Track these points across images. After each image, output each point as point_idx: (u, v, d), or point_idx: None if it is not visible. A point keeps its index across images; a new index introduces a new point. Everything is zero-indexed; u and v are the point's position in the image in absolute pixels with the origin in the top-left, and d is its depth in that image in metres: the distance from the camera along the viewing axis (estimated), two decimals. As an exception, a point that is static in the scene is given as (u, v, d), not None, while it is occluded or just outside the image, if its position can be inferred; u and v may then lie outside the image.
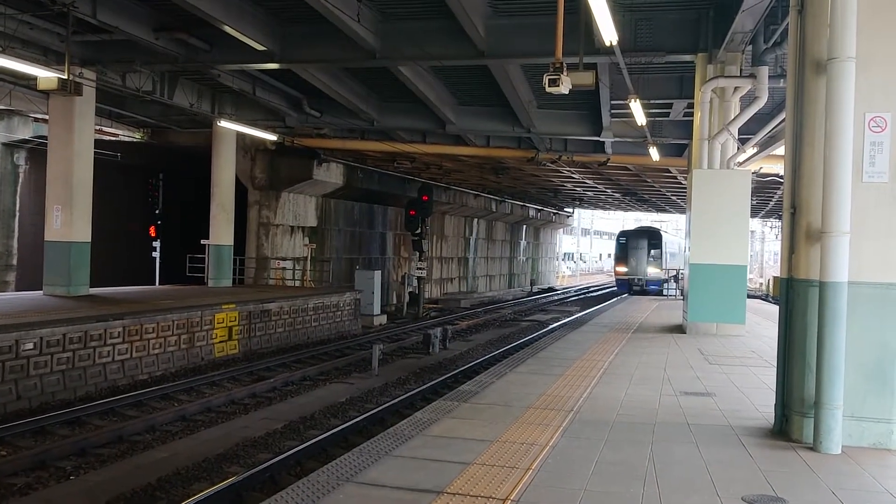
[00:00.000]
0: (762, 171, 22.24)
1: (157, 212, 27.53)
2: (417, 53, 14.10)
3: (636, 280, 43.20)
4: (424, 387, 13.74)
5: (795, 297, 6.20)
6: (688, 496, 4.73)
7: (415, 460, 5.38)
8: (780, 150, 16.17)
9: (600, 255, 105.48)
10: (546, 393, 7.94)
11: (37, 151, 21.26)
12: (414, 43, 13.81)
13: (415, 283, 29.72)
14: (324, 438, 9.91)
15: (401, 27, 13.83)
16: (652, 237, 44.32)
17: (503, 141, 23.68)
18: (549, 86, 9.35)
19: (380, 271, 26.34)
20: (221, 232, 22.56)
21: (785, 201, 6.42)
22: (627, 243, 44.39)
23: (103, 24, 13.22)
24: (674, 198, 40.41)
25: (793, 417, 6.19)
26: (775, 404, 6.51)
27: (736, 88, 13.66)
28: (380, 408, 11.85)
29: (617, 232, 56.07)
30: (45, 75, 12.65)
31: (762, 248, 71.55)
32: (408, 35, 13.80)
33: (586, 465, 5.32)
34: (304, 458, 9.19)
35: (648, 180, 32.75)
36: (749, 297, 15.38)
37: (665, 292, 35.05)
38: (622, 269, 44.37)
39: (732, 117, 13.63)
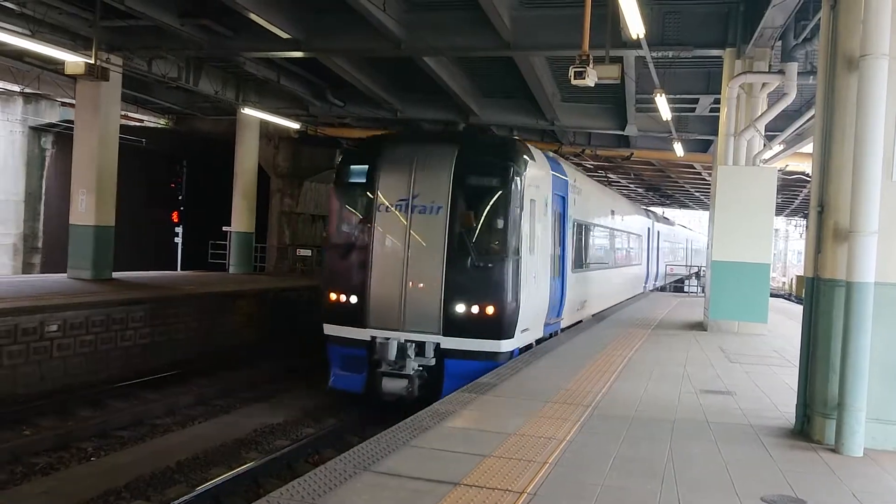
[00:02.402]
0: (788, 168, 21.98)
1: (180, 198, 27.74)
2: (443, 44, 14.04)
3: (392, 353, 9.99)
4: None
5: (820, 297, 6.11)
6: (706, 494, 4.69)
7: (432, 451, 5.38)
8: (808, 147, 15.98)
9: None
10: (564, 387, 7.90)
11: (63, 136, 21.49)
12: (439, 34, 13.75)
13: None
14: (340, 427, 9.96)
15: (426, 18, 13.77)
16: (484, 161, 10.72)
17: (527, 133, 23.55)
18: (575, 78, 9.28)
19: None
20: (243, 219, 22.70)
21: (812, 199, 6.32)
22: (376, 178, 10.80)
23: (131, 10, 13.28)
24: (697, 194, 40.04)
25: (815, 418, 6.11)
26: (797, 404, 6.43)
27: (764, 84, 13.45)
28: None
29: None
30: (73, 60, 12.76)
31: (786, 246, 70.77)
32: (433, 26, 13.74)
33: (604, 461, 5.29)
34: (322, 447, 9.23)
35: (672, 176, 32.48)
36: (772, 295, 15.22)
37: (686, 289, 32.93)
38: (339, 295, 10.66)
39: (759, 114, 13.43)
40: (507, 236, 10.42)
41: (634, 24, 9.51)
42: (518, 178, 10.52)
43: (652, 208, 42.29)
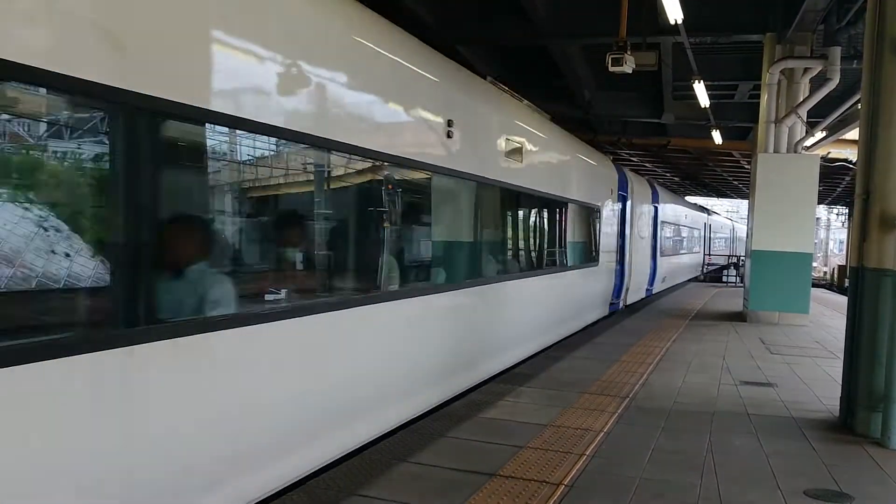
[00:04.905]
0: (830, 155, 21.51)
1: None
2: (476, 34, 13.95)
3: None
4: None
5: (866, 287, 5.96)
6: (747, 488, 4.60)
7: (468, 442, 5.37)
8: (850, 134, 15.61)
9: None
10: (601, 378, 7.84)
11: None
12: (472, 23, 13.66)
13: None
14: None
15: (458, 6, 13.67)
16: None
17: (561, 122, 23.34)
18: (613, 65, 9.18)
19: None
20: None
21: (857, 186, 6.16)
22: None
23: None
24: (735, 182, 39.37)
25: (859, 411, 5.97)
26: (841, 397, 6.30)
27: (806, 70, 13.16)
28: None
29: None
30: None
31: (827, 235, 69.36)
32: (466, 15, 13.64)
33: (642, 453, 5.23)
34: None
35: (710, 164, 32.00)
36: (813, 286, 14.95)
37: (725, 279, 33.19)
38: None
39: (801, 99, 13.15)
40: None
41: (672, 9, 9.35)
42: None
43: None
